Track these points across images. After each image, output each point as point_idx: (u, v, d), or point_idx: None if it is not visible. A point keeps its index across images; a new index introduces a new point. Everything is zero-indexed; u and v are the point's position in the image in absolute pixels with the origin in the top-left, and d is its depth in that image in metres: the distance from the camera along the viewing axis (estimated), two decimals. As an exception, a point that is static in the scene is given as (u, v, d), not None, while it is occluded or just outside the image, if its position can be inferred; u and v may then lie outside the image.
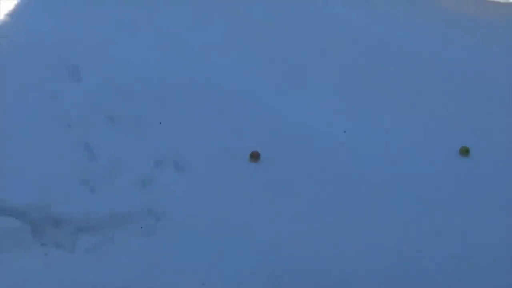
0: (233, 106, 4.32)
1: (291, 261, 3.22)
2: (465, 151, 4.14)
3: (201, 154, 3.90)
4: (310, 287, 3.05)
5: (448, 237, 3.42)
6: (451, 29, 5.74)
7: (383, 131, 4.30)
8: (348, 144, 4.15)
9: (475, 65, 5.19)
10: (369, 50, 5.20)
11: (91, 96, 4.21)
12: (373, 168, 3.96)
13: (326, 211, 3.58)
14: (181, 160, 3.83)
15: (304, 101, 4.48)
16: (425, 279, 3.12)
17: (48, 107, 4.05)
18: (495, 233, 3.47)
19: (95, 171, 3.67)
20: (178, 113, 4.18)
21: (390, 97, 4.64)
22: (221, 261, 3.20)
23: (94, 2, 5.30)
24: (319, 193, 3.71)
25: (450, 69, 5.09)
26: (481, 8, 6.35)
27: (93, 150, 3.80)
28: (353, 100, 4.55)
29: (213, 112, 4.25)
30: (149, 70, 4.57)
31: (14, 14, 4.95)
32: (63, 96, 4.17)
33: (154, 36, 4.97)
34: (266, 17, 5.37)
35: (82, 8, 5.18)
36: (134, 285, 2.98)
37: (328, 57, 5.02)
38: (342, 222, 3.51)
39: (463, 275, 3.16)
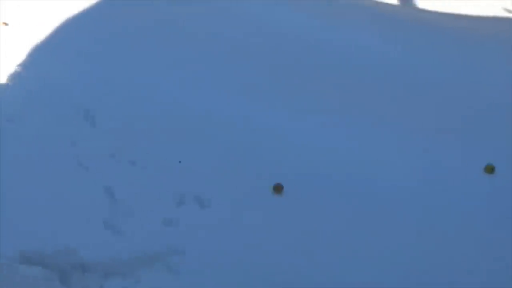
0: (251, 140, 4.32)
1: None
2: (490, 169, 4.08)
3: (223, 190, 3.87)
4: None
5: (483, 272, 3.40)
6: (440, 44, 5.79)
7: (401, 155, 4.29)
8: (367, 173, 4.14)
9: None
10: (366, 70, 5.25)
11: (109, 139, 4.22)
12: (394, 197, 3.92)
13: (352, 243, 3.55)
14: (204, 198, 3.81)
15: (321, 129, 4.50)
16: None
17: (68, 153, 4.06)
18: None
19: (119, 214, 3.66)
20: (197, 150, 4.18)
21: (402, 120, 4.65)
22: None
23: (100, 42, 5.33)
24: (344, 224, 3.68)
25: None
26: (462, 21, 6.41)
27: (115, 193, 3.80)
28: (364, 124, 4.57)
29: (233, 146, 4.24)
30: (164, 108, 4.58)
31: (24, 62, 4.97)
32: (82, 141, 4.18)
33: (167, 72, 4.99)
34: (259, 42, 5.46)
35: (90, 50, 5.21)
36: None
37: (324, 78, 5.07)
38: (367, 256, 3.47)
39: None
